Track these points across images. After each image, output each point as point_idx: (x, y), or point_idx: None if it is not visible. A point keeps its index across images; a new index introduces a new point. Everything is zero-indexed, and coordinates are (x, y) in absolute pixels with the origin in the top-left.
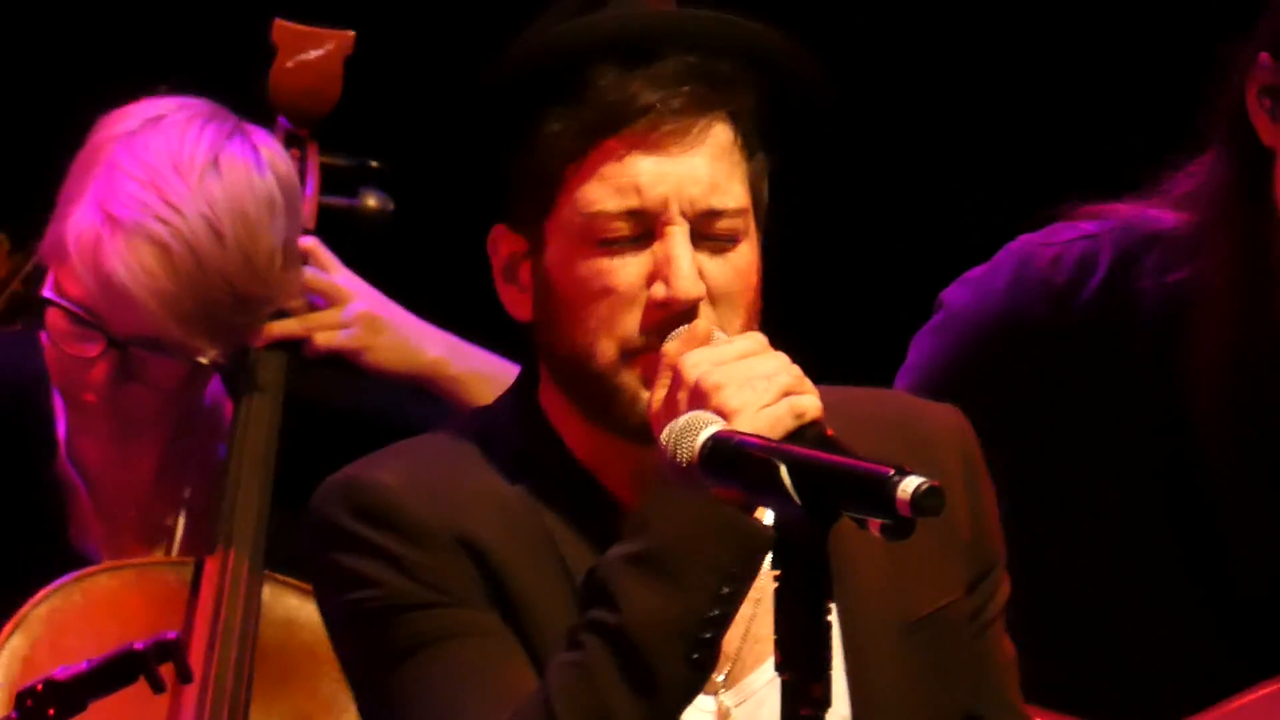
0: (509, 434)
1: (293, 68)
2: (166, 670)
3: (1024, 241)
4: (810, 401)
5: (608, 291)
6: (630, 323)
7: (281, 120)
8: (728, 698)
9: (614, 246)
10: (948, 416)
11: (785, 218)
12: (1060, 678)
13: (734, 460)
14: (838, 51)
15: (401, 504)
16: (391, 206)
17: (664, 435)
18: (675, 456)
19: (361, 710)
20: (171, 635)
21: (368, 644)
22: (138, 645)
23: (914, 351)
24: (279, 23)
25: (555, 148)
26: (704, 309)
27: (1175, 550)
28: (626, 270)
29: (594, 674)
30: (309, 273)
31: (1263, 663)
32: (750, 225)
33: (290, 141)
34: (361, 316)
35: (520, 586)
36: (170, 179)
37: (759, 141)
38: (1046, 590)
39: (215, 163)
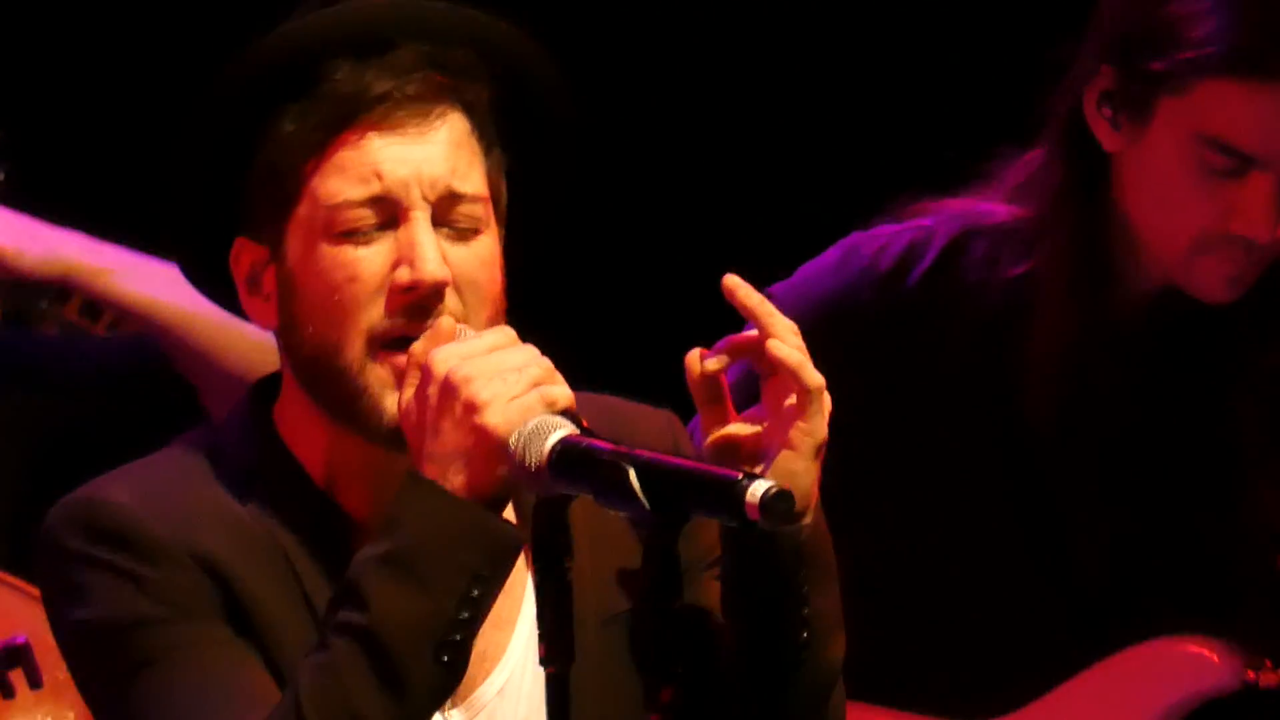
0: (238, 451)
1: None
2: (15, 675)
3: (854, 235)
4: (561, 392)
5: (352, 280)
6: (376, 309)
7: None
8: (455, 714)
9: (357, 236)
10: (658, 417)
11: (533, 219)
12: (900, 669)
13: (583, 464)
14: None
15: (136, 522)
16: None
17: (512, 439)
18: (524, 460)
19: None
20: (21, 639)
21: (104, 660)
22: None
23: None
24: None
25: (292, 145)
26: (450, 296)
27: (1011, 535)
28: (371, 258)
29: (342, 674)
30: None
31: (1100, 645)
32: (491, 219)
33: None
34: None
35: (257, 604)
36: None
37: (495, 138)
38: (881, 577)
39: None
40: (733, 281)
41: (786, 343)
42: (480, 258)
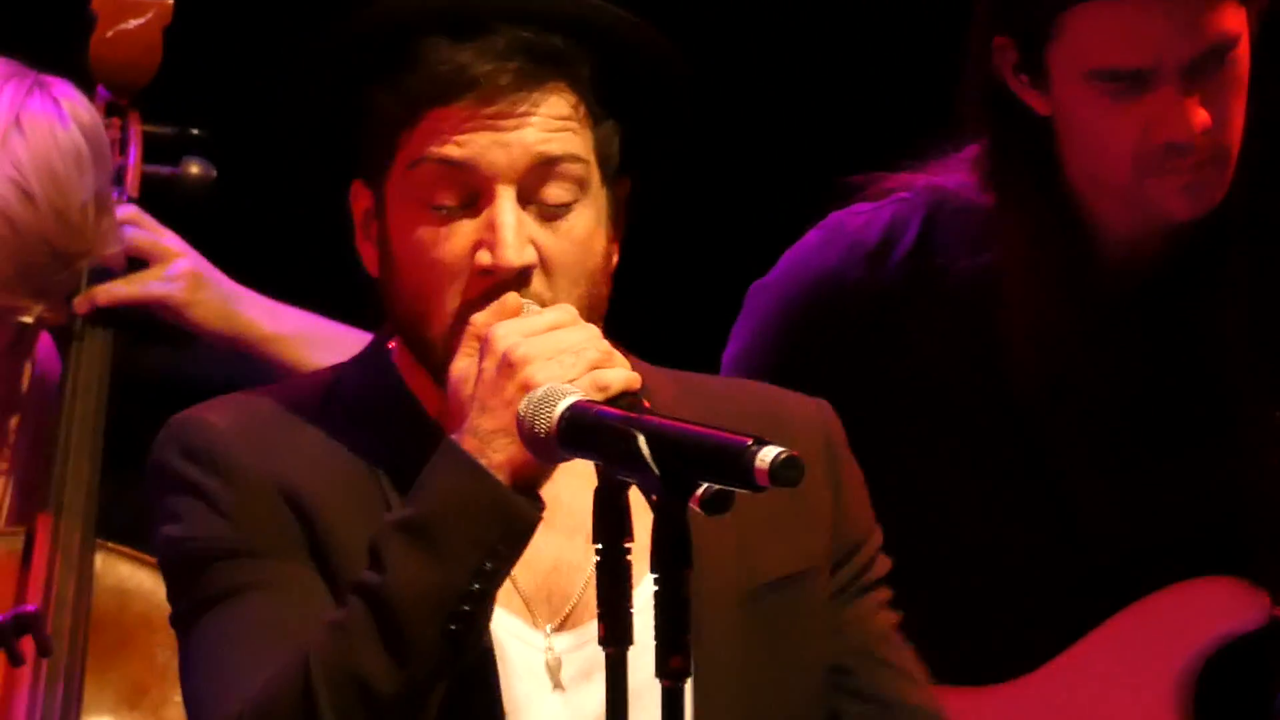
0: (356, 384)
1: (112, 37)
2: (25, 643)
3: (833, 214)
4: (616, 375)
5: (435, 263)
6: (457, 291)
7: (101, 89)
8: (560, 640)
9: (444, 213)
10: (809, 405)
11: (645, 185)
12: (916, 643)
13: (593, 431)
14: None
15: (227, 447)
16: (214, 174)
17: (522, 407)
18: (534, 428)
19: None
20: (31, 608)
21: (180, 586)
22: None
23: (736, 334)
24: None
25: (387, 116)
26: (537, 278)
27: (1016, 504)
28: (454, 240)
29: (352, 635)
30: (133, 234)
31: (1116, 604)
32: (592, 187)
33: (111, 110)
34: (185, 273)
35: (342, 541)
36: None
37: (604, 108)
38: (892, 550)
39: (17, 123)
40: None
41: None
42: (572, 237)
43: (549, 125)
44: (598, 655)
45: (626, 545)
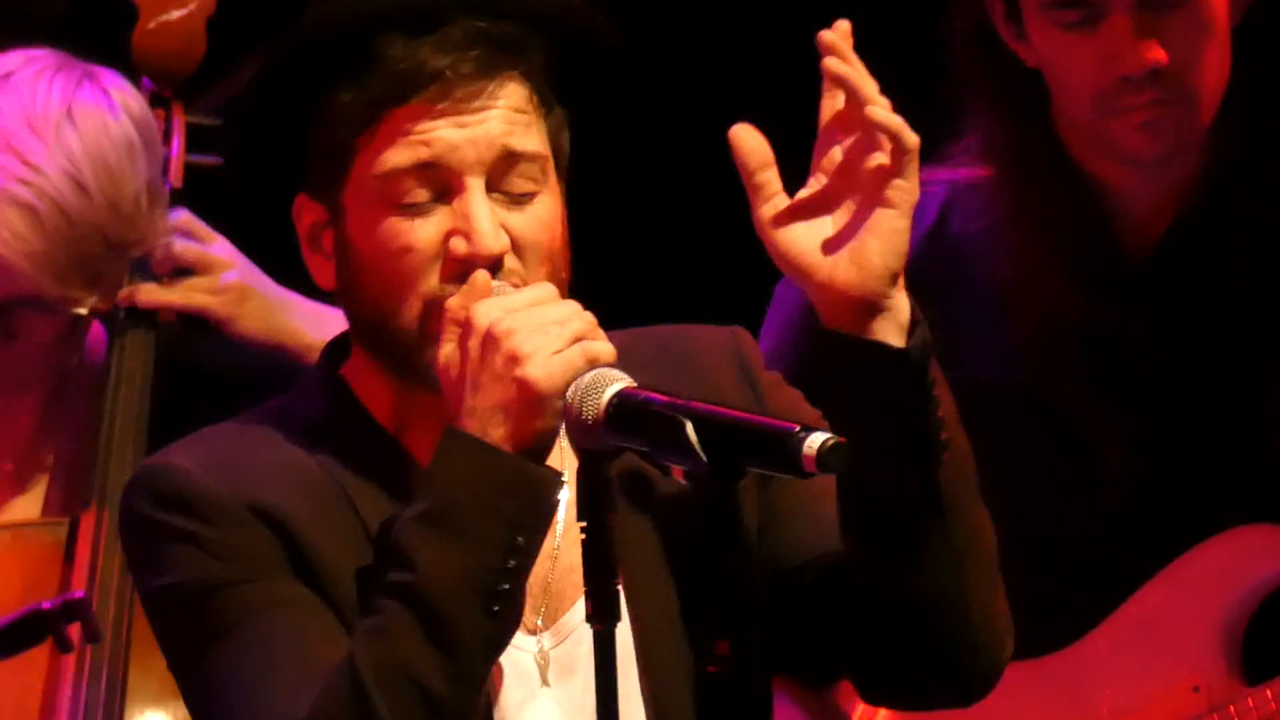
0: (310, 406)
1: (155, 29)
2: (73, 630)
3: None
4: (603, 347)
5: (407, 250)
6: (432, 277)
7: (146, 81)
8: (546, 638)
9: (411, 209)
10: (719, 332)
11: (591, 168)
12: None
13: (640, 417)
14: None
15: (195, 484)
16: None
17: (569, 393)
18: (581, 414)
19: (184, 696)
20: (79, 594)
21: (179, 630)
22: (45, 605)
23: (766, 332)
24: None
25: (346, 118)
26: (509, 259)
27: (1040, 464)
28: (424, 230)
29: (395, 636)
30: (182, 245)
31: (1154, 560)
32: (550, 177)
33: (155, 102)
34: (231, 286)
35: (319, 552)
36: (26, 138)
37: (555, 95)
38: None
39: (69, 114)
40: (830, 48)
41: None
42: (539, 219)
43: (510, 117)
44: (576, 649)
45: (610, 521)
